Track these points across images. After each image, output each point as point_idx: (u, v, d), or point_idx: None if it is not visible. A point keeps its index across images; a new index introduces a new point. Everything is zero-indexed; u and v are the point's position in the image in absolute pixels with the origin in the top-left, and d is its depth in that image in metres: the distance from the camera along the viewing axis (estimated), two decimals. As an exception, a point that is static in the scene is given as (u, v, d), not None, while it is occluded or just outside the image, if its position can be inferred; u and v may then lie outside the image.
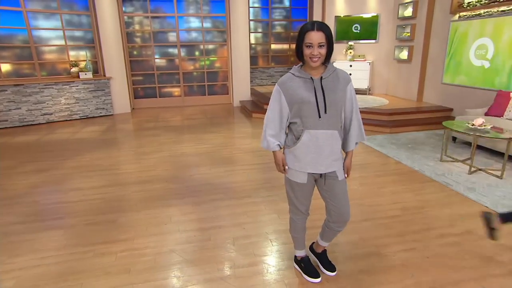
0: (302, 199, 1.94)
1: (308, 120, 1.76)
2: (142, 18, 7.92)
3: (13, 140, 5.64)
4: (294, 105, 1.76)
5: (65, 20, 7.09)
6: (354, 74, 7.28)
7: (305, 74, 1.75)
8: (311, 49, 1.64)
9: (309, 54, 1.66)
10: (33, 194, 3.49)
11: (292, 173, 1.89)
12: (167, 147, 5.05)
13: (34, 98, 6.59)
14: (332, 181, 1.88)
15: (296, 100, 1.74)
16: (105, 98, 7.33)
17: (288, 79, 1.79)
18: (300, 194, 1.92)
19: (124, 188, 3.59)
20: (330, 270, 2.18)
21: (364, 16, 7.41)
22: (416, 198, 3.23)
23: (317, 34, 1.63)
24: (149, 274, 2.20)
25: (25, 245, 2.57)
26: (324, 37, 1.64)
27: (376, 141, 4.95)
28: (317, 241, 2.23)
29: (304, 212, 2.01)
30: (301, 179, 1.86)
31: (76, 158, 4.61)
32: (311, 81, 1.74)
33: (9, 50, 6.75)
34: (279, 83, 1.80)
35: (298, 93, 1.74)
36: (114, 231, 2.74)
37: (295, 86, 1.75)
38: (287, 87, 1.77)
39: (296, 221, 2.05)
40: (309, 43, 1.64)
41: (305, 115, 1.75)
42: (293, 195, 1.95)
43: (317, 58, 1.66)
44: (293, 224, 2.09)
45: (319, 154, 1.79)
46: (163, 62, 8.32)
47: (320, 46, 1.64)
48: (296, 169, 1.85)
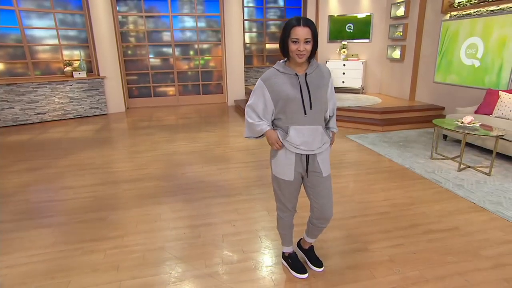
0: (289, 197, 1.96)
1: (294, 116, 1.77)
2: (136, 18, 7.92)
3: (6, 139, 5.62)
4: (279, 101, 1.76)
5: (59, 20, 7.07)
6: (348, 74, 7.33)
7: (290, 70, 1.75)
8: (298, 44, 1.64)
9: (295, 50, 1.66)
10: (24, 193, 3.48)
11: (279, 171, 1.90)
12: (160, 146, 5.05)
13: (28, 97, 6.56)
14: (316, 178, 1.90)
15: (281, 96, 1.75)
16: (99, 97, 7.31)
17: (272, 74, 1.78)
18: (287, 191, 1.94)
19: (115, 186, 3.59)
20: (318, 266, 2.20)
21: (357, 16, 7.45)
22: (405, 195, 3.26)
23: (303, 30, 1.63)
24: (138, 271, 2.21)
25: (14, 243, 2.57)
26: (310, 33, 1.64)
27: (368, 139, 4.98)
28: (303, 237, 2.25)
29: (291, 209, 2.02)
30: (288, 177, 1.88)
31: (69, 157, 4.60)
32: (296, 78, 1.75)
33: (1, 49, 6.72)
34: (263, 79, 1.79)
35: (283, 90, 1.74)
36: (104, 229, 2.75)
37: (280, 82, 1.75)
38: (271, 83, 1.76)
39: (283, 218, 2.07)
40: (296, 38, 1.64)
41: (291, 112, 1.76)
42: (280, 192, 1.96)
43: (303, 54, 1.67)
44: (280, 221, 2.11)
45: (306, 145, 1.81)
46: (157, 61, 8.32)
47: (306, 42, 1.64)
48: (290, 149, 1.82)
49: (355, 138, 5.07)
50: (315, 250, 2.29)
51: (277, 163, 1.89)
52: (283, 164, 1.87)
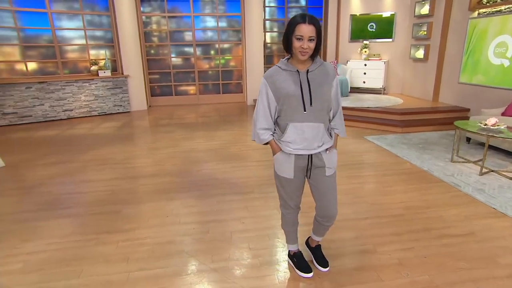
0: (291, 194, 1.96)
1: (293, 113, 1.77)
2: (160, 18, 8.11)
3: (36, 134, 5.92)
4: (280, 98, 1.77)
5: (87, 21, 7.36)
6: (369, 74, 7.18)
7: (292, 67, 1.75)
8: (301, 42, 1.64)
9: (299, 47, 1.65)
10: (48, 185, 3.66)
11: (279, 168, 1.91)
12: (179, 143, 5.16)
13: (56, 95, 6.88)
14: (319, 176, 1.89)
15: (282, 93, 1.75)
16: (123, 95, 7.55)
17: (274, 72, 1.79)
18: (288, 189, 1.94)
19: (132, 181, 3.71)
20: (323, 266, 2.18)
21: (380, 15, 7.28)
22: (421, 198, 3.16)
23: (308, 27, 1.62)
24: (146, 263, 2.28)
25: (36, 231, 2.72)
26: (314, 31, 1.63)
27: (387, 141, 4.87)
28: (311, 236, 2.24)
29: (293, 207, 2.02)
30: (288, 175, 1.88)
31: (91, 152, 4.79)
32: (297, 74, 1.74)
33: (35, 49, 7.08)
34: (265, 76, 1.80)
35: (284, 86, 1.74)
36: (118, 221, 2.85)
37: (281, 79, 1.76)
38: (273, 80, 1.77)
39: (286, 215, 2.07)
40: (300, 35, 1.63)
41: (291, 108, 1.76)
42: (282, 190, 1.97)
43: (306, 52, 1.66)
44: (283, 219, 2.11)
45: (304, 144, 1.80)
46: (179, 60, 8.48)
47: (310, 40, 1.64)
48: (285, 150, 1.83)
49: (373, 139, 4.97)
50: (322, 250, 2.27)
51: (277, 161, 1.91)
52: (283, 162, 1.88)
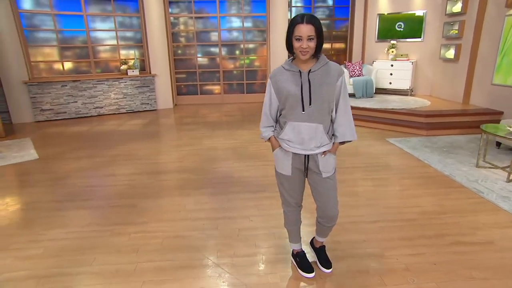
0: (290, 192, 1.98)
1: (292, 112, 1.78)
2: (187, 19, 8.32)
3: (68, 129, 6.28)
4: (281, 97, 1.80)
5: (118, 22, 7.70)
6: (395, 74, 6.97)
7: (295, 67, 1.77)
8: (301, 42, 1.65)
9: (299, 47, 1.66)
10: (73, 177, 3.88)
11: (278, 165, 1.93)
12: (200, 141, 5.28)
13: (88, 92, 7.26)
14: (316, 177, 1.90)
15: (283, 93, 1.78)
16: (150, 94, 7.83)
17: (278, 72, 1.82)
18: (288, 186, 1.97)
19: (151, 177, 3.85)
20: (326, 267, 2.17)
21: (409, 13, 7.03)
22: (438, 203, 3.05)
23: (306, 27, 1.63)
24: (154, 255, 2.37)
25: (57, 220, 2.90)
26: (313, 30, 1.64)
27: (409, 144, 4.71)
28: (315, 236, 2.23)
29: (293, 204, 2.03)
30: (286, 172, 1.91)
31: (117, 148, 5.01)
32: (299, 74, 1.75)
33: (71, 50, 7.50)
34: (270, 76, 1.85)
35: (285, 86, 1.77)
36: (133, 214, 2.98)
37: (284, 79, 1.78)
38: (276, 80, 1.81)
39: (288, 213, 2.09)
40: (299, 36, 1.64)
41: (289, 107, 1.79)
42: (281, 186, 2.00)
43: (306, 51, 1.67)
44: (285, 217, 2.13)
45: (301, 144, 1.82)
46: (205, 60, 8.65)
47: (309, 39, 1.64)
48: (283, 146, 1.88)
49: (395, 142, 4.83)
50: (327, 251, 2.26)
51: (276, 157, 1.95)
52: (281, 159, 1.91)
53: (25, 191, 3.60)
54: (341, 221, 2.75)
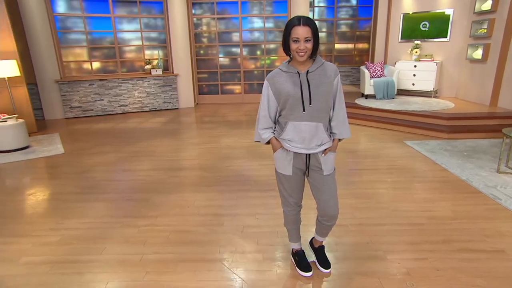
0: (290, 191, 2.00)
1: (293, 112, 1.81)
2: (209, 20, 8.47)
3: (94, 126, 6.59)
4: (281, 99, 1.82)
5: (144, 23, 7.97)
6: (419, 75, 6.76)
7: (292, 68, 1.80)
8: (298, 43, 1.68)
9: (296, 49, 1.70)
10: (93, 171, 4.09)
11: (279, 165, 1.96)
12: (216, 140, 5.38)
13: (114, 91, 7.57)
14: (317, 174, 1.91)
15: (282, 94, 1.80)
16: (172, 93, 8.05)
17: (275, 74, 1.85)
18: (288, 185, 1.98)
19: (165, 173, 3.98)
20: (325, 267, 2.18)
21: (435, 12, 6.80)
22: (450, 208, 2.96)
23: (303, 29, 1.66)
24: (159, 247, 2.47)
25: (74, 211, 3.08)
26: (310, 32, 1.67)
27: (428, 147, 4.57)
28: (314, 236, 2.25)
29: (293, 204, 2.05)
30: (287, 171, 1.93)
31: (136, 144, 5.21)
32: (298, 75, 1.78)
33: (99, 50, 7.86)
34: (267, 78, 1.87)
35: (284, 87, 1.79)
36: (144, 208, 3.10)
37: (282, 81, 1.80)
38: (274, 81, 1.83)
39: (287, 213, 2.11)
40: (296, 38, 1.67)
41: (290, 108, 1.81)
42: (281, 186, 2.02)
43: (304, 53, 1.70)
44: (285, 217, 2.15)
45: (302, 143, 1.84)
46: (226, 60, 8.77)
47: (306, 41, 1.67)
48: (285, 146, 1.89)
49: (413, 144, 4.70)
50: (326, 252, 2.27)
51: (277, 158, 1.96)
52: (282, 159, 1.93)
53: (50, 183, 3.84)
54: (346, 222, 2.75)
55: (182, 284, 2.09)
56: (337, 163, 3.99)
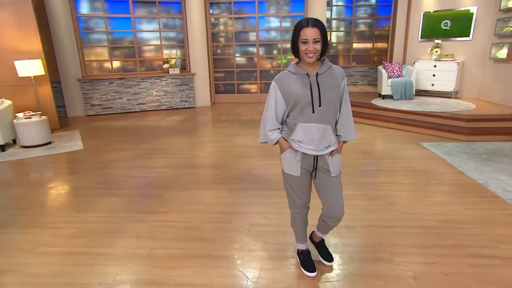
0: (298, 193, 2.00)
1: (302, 114, 1.81)
2: (227, 19, 8.54)
3: (112, 123, 6.78)
4: (290, 100, 1.81)
5: (162, 23, 8.13)
6: (438, 75, 6.58)
7: (301, 70, 1.80)
8: (307, 45, 1.68)
9: (305, 50, 1.70)
10: (110, 167, 4.22)
11: (287, 166, 1.96)
12: (229, 138, 5.43)
13: (133, 90, 7.77)
14: (324, 175, 1.92)
15: (292, 96, 1.79)
16: (189, 92, 8.17)
17: (284, 75, 1.83)
18: (296, 187, 1.99)
19: (178, 170, 4.06)
20: (328, 260, 2.22)
21: (458, 10, 6.59)
22: (464, 213, 2.87)
23: (312, 30, 1.67)
24: (168, 243, 2.53)
25: (90, 205, 3.19)
26: (318, 33, 1.67)
27: (445, 149, 4.45)
28: (314, 231, 2.26)
29: (301, 206, 2.05)
30: (295, 172, 1.93)
31: (152, 142, 5.33)
32: (307, 77, 1.78)
33: (119, 50, 8.07)
34: (276, 80, 1.85)
35: (294, 89, 1.78)
36: (156, 204, 3.18)
37: (291, 82, 1.79)
38: (283, 83, 1.81)
39: (295, 214, 2.11)
40: (305, 39, 1.68)
41: (300, 110, 1.80)
42: (289, 188, 2.02)
43: (313, 54, 1.70)
44: (292, 218, 2.15)
45: (312, 144, 1.84)
46: (243, 60, 8.82)
47: (315, 42, 1.68)
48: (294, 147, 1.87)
49: (430, 146, 4.59)
50: (332, 252, 2.26)
51: (285, 159, 1.95)
52: (290, 160, 1.92)
53: (68, 178, 4.00)
54: (355, 223, 2.73)
55: (187, 279, 2.14)
56: (350, 164, 4.00)
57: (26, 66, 5.44)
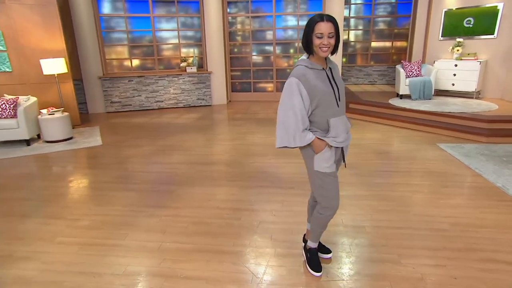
0: (334, 192, 1.98)
1: (329, 109, 1.84)
2: (244, 18, 8.58)
3: (131, 120, 6.96)
4: (315, 96, 1.78)
5: (181, 22, 8.26)
6: (459, 75, 6.38)
7: (317, 65, 1.82)
8: (322, 39, 1.71)
9: (320, 44, 1.72)
10: (126, 163, 4.35)
11: (324, 166, 1.90)
12: (244, 136, 5.47)
13: (151, 87, 7.94)
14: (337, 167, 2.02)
15: (317, 91, 1.77)
16: (206, 90, 8.27)
17: (304, 71, 1.79)
18: (334, 185, 1.97)
19: (191, 167, 4.14)
20: (327, 252, 2.30)
21: (482, 7, 6.37)
22: (478, 216, 2.80)
23: (327, 25, 1.70)
24: (177, 237, 2.60)
25: (106, 199, 3.31)
26: (333, 28, 1.71)
27: (463, 150, 4.33)
28: (307, 229, 2.32)
29: (335, 207, 2.02)
30: (332, 168, 1.93)
31: (168, 138, 5.44)
32: (324, 72, 1.82)
33: (139, 48, 8.27)
34: (297, 76, 1.78)
35: (317, 84, 1.77)
36: (168, 199, 3.26)
37: (313, 78, 1.78)
38: (306, 78, 1.77)
39: (327, 217, 2.06)
40: (320, 33, 1.70)
41: (326, 106, 1.82)
42: (326, 189, 1.97)
43: (327, 48, 1.73)
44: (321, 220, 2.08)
45: (342, 137, 1.90)
46: (259, 59, 8.84)
47: (330, 36, 1.71)
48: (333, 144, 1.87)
49: (446, 147, 4.47)
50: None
51: (322, 159, 1.89)
52: (329, 158, 1.89)
53: (87, 172, 4.15)
54: (364, 224, 2.72)
55: (194, 272, 2.19)
56: (365, 164, 3.97)
57: (50, 65, 5.67)
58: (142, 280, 2.13)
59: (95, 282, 2.12)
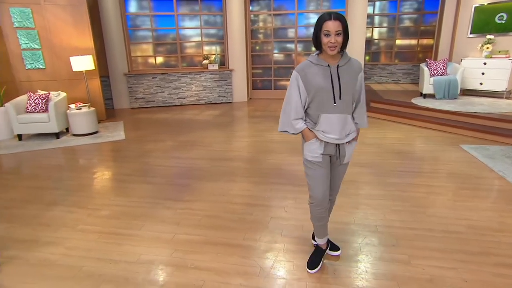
0: (319, 180, 2.02)
1: (324, 105, 1.87)
2: (266, 16, 8.60)
3: (153, 116, 7.17)
4: (311, 90, 1.86)
5: (203, 20, 8.40)
6: (488, 74, 6.12)
7: (323, 62, 1.84)
8: (329, 37, 1.73)
9: (327, 42, 1.74)
10: (147, 157, 4.50)
11: (309, 154, 1.99)
12: (262, 133, 5.52)
13: (174, 84, 8.13)
14: (337, 163, 2.04)
15: (313, 86, 1.84)
16: (227, 87, 8.38)
17: (306, 66, 1.88)
18: (320, 173, 2.00)
19: (208, 162, 4.23)
20: (334, 250, 2.32)
21: (515, 3, 6.07)
22: (497, 220, 2.71)
23: (334, 23, 1.72)
24: (191, 229, 2.69)
25: (124, 190, 3.46)
26: (340, 26, 1.73)
27: (487, 152, 4.17)
28: None
29: (320, 198, 2.05)
30: (317, 158, 1.97)
31: (188, 134, 5.58)
32: (328, 69, 1.84)
33: (163, 46, 8.48)
34: (297, 70, 1.88)
35: (316, 80, 1.84)
36: (184, 193, 3.36)
37: (313, 73, 1.84)
38: (305, 73, 1.86)
39: (313, 208, 2.12)
40: (327, 31, 1.73)
41: (321, 101, 1.86)
42: (310, 176, 2.04)
43: (334, 46, 1.75)
44: (311, 212, 2.17)
45: (335, 134, 1.92)
46: (280, 56, 8.84)
47: (337, 34, 1.73)
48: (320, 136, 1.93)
49: (470, 149, 4.32)
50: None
51: (309, 147, 1.97)
52: (314, 148, 1.96)
53: (109, 164, 4.34)
54: (375, 223, 2.70)
55: (203, 263, 2.27)
56: (383, 164, 3.92)
57: (79, 62, 5.94)
58: (154, 269, 2.23)
59: (110, 268, 2.24)
